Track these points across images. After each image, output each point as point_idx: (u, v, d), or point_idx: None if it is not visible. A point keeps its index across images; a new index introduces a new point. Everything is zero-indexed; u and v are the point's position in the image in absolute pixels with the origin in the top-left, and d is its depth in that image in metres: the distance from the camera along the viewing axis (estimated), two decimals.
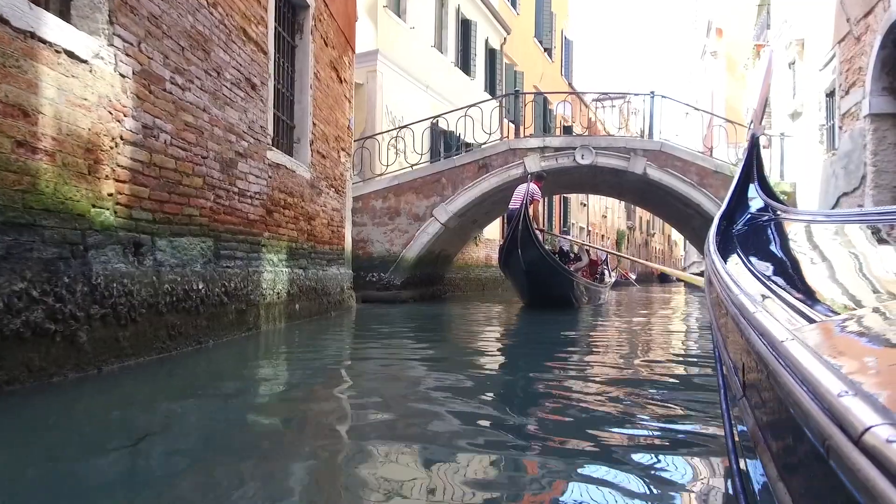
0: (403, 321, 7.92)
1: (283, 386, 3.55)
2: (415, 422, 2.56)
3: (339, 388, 3.46)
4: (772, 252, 1.68)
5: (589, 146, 10.87)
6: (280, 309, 5.90)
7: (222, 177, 4.72)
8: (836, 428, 0.45)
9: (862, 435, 0.42)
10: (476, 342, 5.80)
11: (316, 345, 5.28)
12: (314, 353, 4.74)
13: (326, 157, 7.60)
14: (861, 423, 0.43)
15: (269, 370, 3.99)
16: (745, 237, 1.80)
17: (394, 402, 3.00)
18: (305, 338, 5.68)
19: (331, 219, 7.78)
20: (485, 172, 10.92)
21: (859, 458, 0.41)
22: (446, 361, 4.47)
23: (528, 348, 5.46)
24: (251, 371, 3.92)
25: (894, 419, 0.42)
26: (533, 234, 7.96)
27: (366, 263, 10.78)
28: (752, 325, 0.77)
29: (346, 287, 8.45)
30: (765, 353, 0.68)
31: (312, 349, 5.01)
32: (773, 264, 1.45)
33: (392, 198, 10.95)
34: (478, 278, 17.71)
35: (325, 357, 4.62)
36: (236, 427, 2.49)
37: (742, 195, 2.19)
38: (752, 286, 1.08)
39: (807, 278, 1.24)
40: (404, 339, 5.82)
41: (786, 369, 0.59)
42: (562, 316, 8.58)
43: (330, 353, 4.81)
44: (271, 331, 5.61)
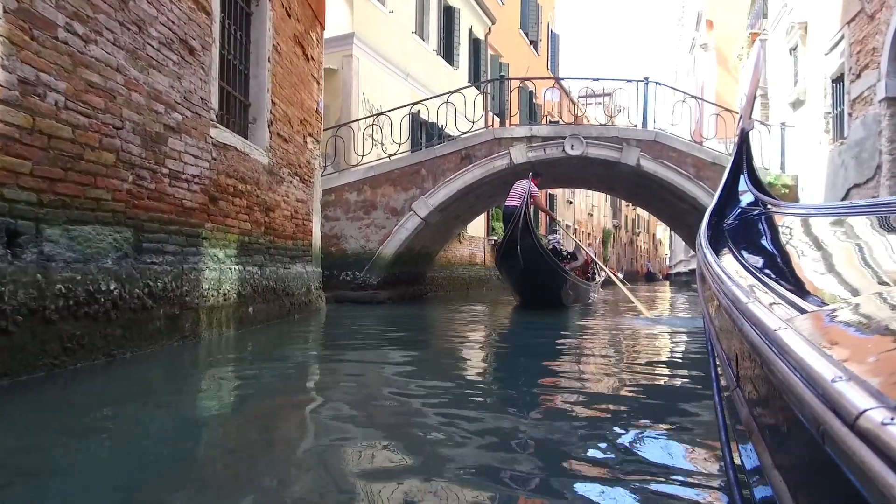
0: (377, 324, 7.13)
1: (210, 409, 2.76)
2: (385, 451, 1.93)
3: (291, 410, 2.68)
4: (763, 245, 1.70)
5: (579, 136, 10.15)
6: (228, 313, 5.08)
7: (145, 154, 3.90)
8: (831, 413, 0.45)
9: (857, 419, 0.42)
10: (459, 349, 5.03)
11: (269, 354, 4.49)
12: (264, 365, 3.94)
13: (289, 141, 6.78)
14: (855, 408, 0.43)
15: (194, 388, 3.19)
16: (737, 231, 1.81)
17: (359, 427, 2.31)
18: (258, 346, 4.88)
19: (295, 211, 6.96)
20: (468, 164, 10.16)
21: (855, 442, 0.41)
22: (423, 371, 3.71)
23: (518, 354, 4.72)
24: (170, 388, 3.12)
25: (888, 402, 0.42)
26: (533, 233, 7.73)
27: (339, 261, 9.98)
28: (745, 316, 0.79)
29: (313, 287, 7.64)
30: (758, 343, 0.69)
31: (263, 359, 4.22)
32: (765, 257, 1.48)
33: (368, 190, 10.15)
34: (462, 277, 16.96)
35: (278, 368, 3.83)
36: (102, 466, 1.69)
37: (732, 190, 2.19)
38: (744, 278, 1.09)
39: (797, 270, 1.27)
40: (376, 346, 5.05)
41: (779, 357, 0.60)
42: (553, 316, 8.06)
43: (284, 364, 4.02)
44: (216, 339, 4.79)
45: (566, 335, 6.20)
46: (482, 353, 5.05)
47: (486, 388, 3.44)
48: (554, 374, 3.79)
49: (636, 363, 4.17)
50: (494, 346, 5.47)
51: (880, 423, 0.40)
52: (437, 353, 4.88)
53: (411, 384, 3.40)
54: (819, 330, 0.73)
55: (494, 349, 5.22)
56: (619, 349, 4.98)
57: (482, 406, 2.86)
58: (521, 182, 8.65)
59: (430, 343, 5.55)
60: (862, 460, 0.40)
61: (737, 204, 2.09)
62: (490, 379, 3.79)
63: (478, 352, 5.08)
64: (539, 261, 7.88)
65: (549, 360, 4.49)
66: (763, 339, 0.67)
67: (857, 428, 0.42)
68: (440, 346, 5.34)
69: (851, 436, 0.42)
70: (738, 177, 2.22)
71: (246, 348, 4.78)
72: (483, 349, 5.25)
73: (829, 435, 0.45)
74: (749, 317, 0.76)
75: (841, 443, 0.43)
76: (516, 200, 8.30)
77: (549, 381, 3.44)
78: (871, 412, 0.42)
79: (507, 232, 7.71)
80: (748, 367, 0.82)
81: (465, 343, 5.56)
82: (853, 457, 0.41)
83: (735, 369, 0.95)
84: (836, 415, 0.45)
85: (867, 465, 0.39)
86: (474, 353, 4.96)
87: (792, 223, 1.69)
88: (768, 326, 0.67)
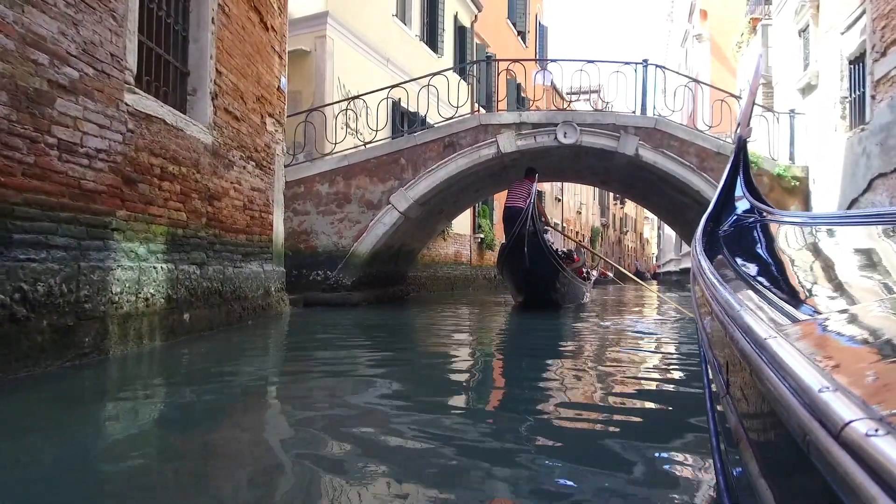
0: (348, 331, 6.22)
1: (103, 451, 1.85)
2: None
3: (228, 446, 1.79)
4: (757, 253, 1.69)
5: (572, 122, 9.28)
6: (152, 321, 4.14)
7: (16, 116, 2.96)
8: (817, 423, 0.46)
9: (842, 430, 0.42)
10: (442, 360, 4.12)
11: (207, 371, 3.59)
12: (196, 385, 3.04)
13: (242, 120, 5.84)
14: (840, 419, 0.43)
15: (79, 423, 2.26)
16: (731, 238, 1.82)
17: (318, 468, 1.81)
18: (195, 360, 3.97)
19: (249, 201, 6.03)
20: (451, 152, 9.25)
21: (839, 453, 0.42)
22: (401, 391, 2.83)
23: (511, 362, 3.84)
24: (43, 425, 2.20)
25: (873, 414, 0.43)
26: (540, 233, 7.61)
27: (309, 259, 9.04)
28: (736, 324, 0.79)
29: (274, 288, 6.71)
30: (748, 351, 0.69)
31: (197, 378, 3.32)
32: (758, 265, 1.48)
33: (341, 181, 9.21)
34: (446, 277, 16.08)
35: (215, 388, 2.97)
36: None
37: (729, 196, 2.19)
38: (737, 286, 1.10)
39: (791, 279, 1.27)
40: (343, 358, 4.15)
41: (768, 366, 0.60)
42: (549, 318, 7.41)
43: (225, 383, 3.13)
44: (134, 354, 3.86)
45: (564, 338, 5.32)
46: (468, 365, 4.15)
47: (476, 413, 2.61)
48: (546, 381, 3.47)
49: (632, 366, 4.03)
50: (484, 355, 4.57)
51: (864, 434, 0.40)
52: (417, 367, 3.97)
53: (385, 409, 2.56)
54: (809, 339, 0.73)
55: (484, 360, 4.32)
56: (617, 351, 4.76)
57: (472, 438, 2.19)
58: (522, 182, 8.57)
59: (408, 354, 4.63)
60: (846, 471, 0.40)
61: (733, 210, 2.09)
62: (480, 400, 2.92)
63: (463, 363, 4.18)
64: (544, 261, 7.74)
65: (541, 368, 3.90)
66: (753, 348, 0.67)
67: (842, 439, 0.42)
68: (420, 357, 4.43)
69: (836, 446, 0.42)
70: (735, 183, 2.22)
71: (177, 364, 3.85)
72: (471, 360, 4.35)
73: (815, 445, 0.45)
74: (740, 324, 0.77)
75: (826, 453, 0.43)
76: (519, 201, 8.21)
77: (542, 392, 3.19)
78: (855, 423, 0.42)
79: (514, 231, 7.51)
80: (738, 374, 0.82)
81: (450, 352, 4.67)
82: (837, 468, 0.41)
83: (725, 376, 0.94)
84: (821, 425, 0.45)
85: (851, 476, 0.39)
86: (459, 367, 4.06)
87: (787, 232, 1.70)
88: (758, 335, 0.67)
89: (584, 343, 5.29)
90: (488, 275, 19.62)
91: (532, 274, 7.60)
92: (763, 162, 9.38)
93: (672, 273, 30.38)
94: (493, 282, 19.80)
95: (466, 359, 4.58)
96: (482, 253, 19.06)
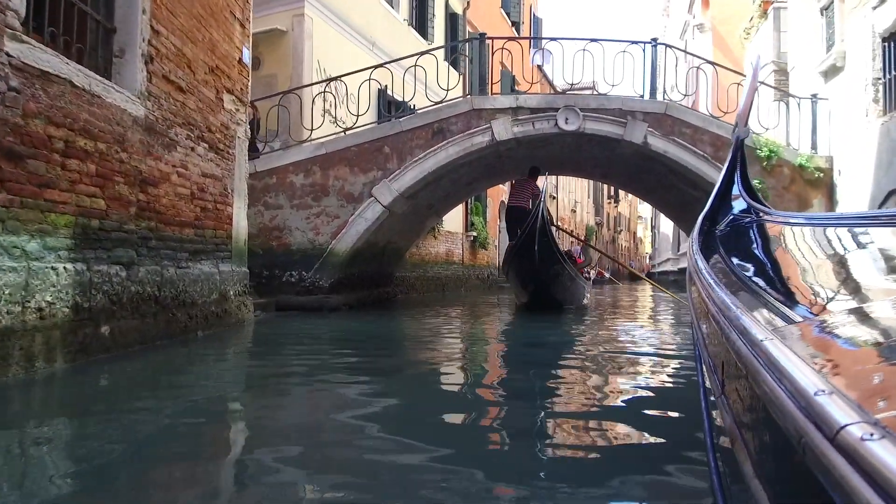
0: (320, 342, 5.32)
1: None
2: None
3: None
4: (753, 253, 1.70)
5: (574, 107, 8.39)
6: (51, 338, 3.21)
7: None
8: (812, 426, 0.46)
9: (837, 433, 0.42)
10: (432, 377, 3.22)
11: (125, 399, 2.69)
12: (101, 424, 2.15)
13: (189, 92, 4.91)
14: (836, 422, 0.43)
15: None
16: (728, 238, 1.80)
17: None
18: (111, 387, 3.10)
19: (199, 189, 5.10)
20: (441, 140, 8.33)
21: (834, 457, 0.41)
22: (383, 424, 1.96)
23: (511, 376, 2.95)
24: None
25: (868, 418, 0.42)
26: (550, 234, 7.46)
27: (282, 259, 8.11)
28: (732, 325, 0.78)
29: (234, 292, 5.79)
30: (744, 353, 0.68)
31: (109, 412, 2.43)
32: (755, 265, 1.50)
33: (318, 171, 8.27)
34: (437, 277, 15.18)
35: (132, 424, 2.13)
36: None
37: (725, 196, 2.18)
38: (733, 286, 1.10)
39: (787, 280, 1.28)
40: (311, 379, 3.25)
41: (763, 368, 0.59)
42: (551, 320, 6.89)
43: (150, 416, 2.24)
44: (19, 381, 2.93)
45: (571, 346, 4.43)
46: (464, 382, 3.24)
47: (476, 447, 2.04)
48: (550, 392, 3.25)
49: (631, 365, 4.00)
50: (480, 373, 3.66)
51: (859, 438, 0.40)
52: (403, 390, 3.06)
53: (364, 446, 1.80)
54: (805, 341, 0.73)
55: (480, 376, 3.42)
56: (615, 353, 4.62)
57: None
58: (525, 182, 8.72)
59: (392, 371, 3.71)
60: (841, 475, 0.40)
61: (729, 210, 2.07)
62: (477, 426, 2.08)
63: (456, 388, 3.27)
64: (554, 260, 7.59)
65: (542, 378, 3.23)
66: (749, 349, 0.66)
67: (837, 442, 0.42)
68: (406, 377, 3.52)
69: (831, 450, 0.42)
70: (732, 183, 2.21)
71: (76, 395, 2.95)
72: (464, 381, 3.45)
73: (810, 448, 0.45)
74: (736, 326, 0.76)
75: (821, 456, 0.43)
76: (522, 201, 8.40)
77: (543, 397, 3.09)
78: (851, 427, 0.41)
79: (524, 230, 7.39)
80: (733, 375, 0.81)
81: (440, 370, 3.77)
82: (832, 471, 0.41)
83: (721, 377, 0.94)
84: (816, 428, 0.45)
85: (846, 479, 0.39)
86: (452, 394, 3.15)
87: (783, 232, 1.72)
88: (754, 336, 0.67)
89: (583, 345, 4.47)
90: (481, 275, 18.73)
91: (541, 273, 7.43)
92: (783, 151, 8.53)
93: (669, 273, 29.67)
94: (487, 282, 18.91)
95: (459, 382, 3.68)
96: (475, 252, 18.17)
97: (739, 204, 2.08)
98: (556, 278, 7.95)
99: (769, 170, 8.49)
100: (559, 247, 7.98)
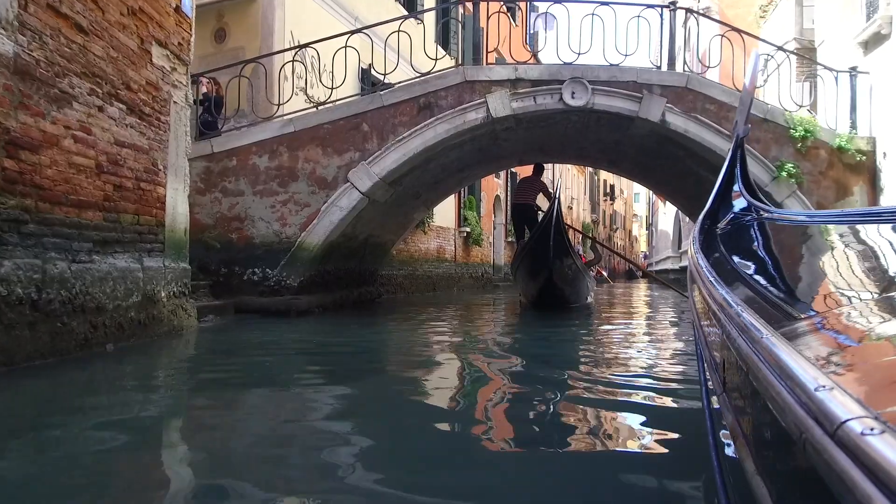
0: (277, 359, 4.21)
1: None
2: None
3: None
4: (754, 251, 1.73)
5: (582, 79, 7.27)
6: None
7: None
8: (813, 422, 0.45)
9: (838, 429, 0.42)
10: (424, 413, 2.12)
11: None
12: None
13: (95, 35, 3.77)
14: (837, 417, 0.43)
15: None
16: (728, 236, 1.83)
17: None
18: None
19: (112, 162, 3.96)
20: (428, 116, 7.20)
21: (835, 452, 0.41)
22: None
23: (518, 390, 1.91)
24: None
25: (869, 413, 0.42)
26: (564, 231, 7.38)
27: (243, 254, 6.97)
28: (733, 322, 0.79)
29: (167, 294, 4.65)
30: (744, 350, 0.68)
31: None
32: (755, 263, 1.52)
33: (284, 153, 7.13)
34: (427, 276, 14.07)
35: None
36: None
37: (726, 195, 2.19)
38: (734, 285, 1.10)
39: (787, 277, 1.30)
40: (235, 426, 2.14)
41: (764, 365, 0.59)
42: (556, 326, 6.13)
43: None
44: None
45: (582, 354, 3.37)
46: (453, 406, 2.14)
47: None
48: None
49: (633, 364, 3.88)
50: (469, 389, 2.56)
51: (860, 433, 0.40)
52: (377, 420, 1.95)
53: None
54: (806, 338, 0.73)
55: (468, 399, 2.32)
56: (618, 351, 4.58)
57: None
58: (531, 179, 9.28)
59: (372, 421, 2.58)
60: (842, 470, 0.40)
61: (730, 209, 2.09)
62: None
63: (445, 406, 2.17)
64: (567, 258, 7.49)
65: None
66: (749, 346, 0.67)
67: (838, 438, 0.42)
68: (381, 398, 2.40)
69: (832, 445, 0.42)
70: (732, 181, 2.21)
71: None
72: (455, 400, 2.34)
73: (811, 443, 0.45)
74: (736, 323, 0.76)
75: (822, 452, 0.43)
76: (529, 198, 8.96)
77: None
78: (851, 422, 0.42)
79: (538, 229, 7.31)
80: (734, 372, 0.81)
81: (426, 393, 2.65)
82: (833, 466, 0.41)
83: (722, 374, 0.94)
84: (817, 424, 0.45)
85: (847, 474, 0.39)
86: (440, 414, 2.05)
87: (784, 230, 1.76)
88: (754, 333, 0.67)
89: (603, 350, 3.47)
90: (475, 273, 17.61)
91: (554, 268, 7.19)
92: (819, 132, 7.45)
93: (669, 272, 28.69)
94: (481, 281, 17.80)
95: (446, 408, 2.56)
96: (468, 249, 17.05)
97: (740, 202, 2.09)
98: (568, 274, 7.79)
99: (804, 152, 7.42)
100: (571, 243, 7.92)
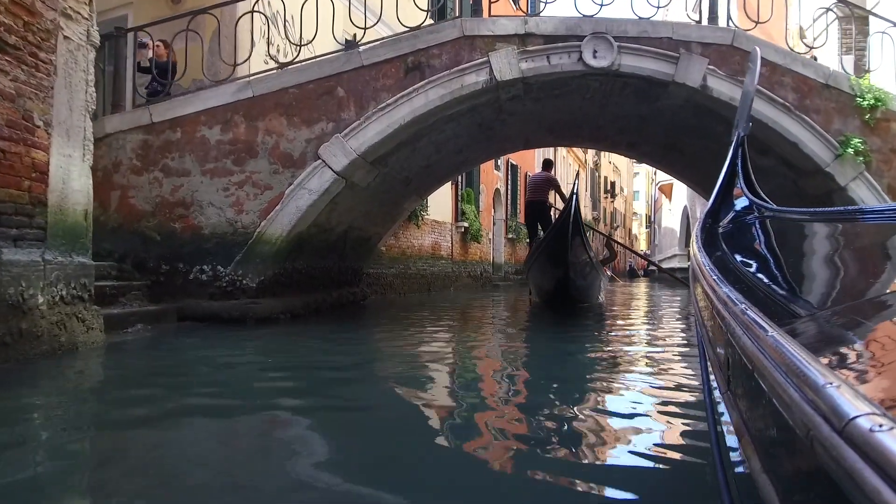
0: (199, 390, 2.91)
1: None
2: None
3: None
4: (756, 249, 1.74)
5: (607, 35, 5.95)
6: None
7: None
8: (820, 419, 0.45)
9: (846, 425, 0.42)
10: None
11: None
12: None
13: None
14: (845, 414, 0.43)
15: None
16: (731, 235, 1.84)
17: None
18: None
19: None
20: (417, 79, 5.88)
21: (843, 448, 0.41)
22: None
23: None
24: None
25: (877, 409, 0.42)
26: (582, 228, 7.09)
27: (189, 247, 5.64)
28: (738, 320, 0.79)
29: (49, 299, 3.32)
30: (749, 347, 0.68)
31: None
32: (758, 261, 1.52)
33: (241, 123, 5.79)
34: (421, 275, 12.76)
35: None
36: None
37: (728, 193, 2.19)
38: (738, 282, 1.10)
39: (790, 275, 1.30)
40: None
41: (770, 362, 0.59)
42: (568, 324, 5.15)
43: None
44: None
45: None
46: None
47: None
48: None
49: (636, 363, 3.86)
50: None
51: (868, 429, 0.40)
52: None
53: None
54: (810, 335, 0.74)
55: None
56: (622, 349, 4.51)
57: None
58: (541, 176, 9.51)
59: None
60: (851, 466, 0.40)
61: (731, 207, 2.10)
62: None
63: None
64: (585, 256, 7.42)
65: None
66: (754, 344, 0.66)
67: (846, 434, 0.41)
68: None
69: (840, 442, 0.42)
70: (734, 179, 2.21)
71: None
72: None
73: (818, 440, 0.45)
74: (741, 321, 0.76)
75: (830, 448, 0.43)
76: (541, 194, 9.11)
77: None
78: (860, 419, 0.41)
79: (556, 226, 7.20)
80: (739, 370, 0.81)
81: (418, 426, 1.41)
82: (841, 463, 0.41)
83: (726, 372, 0.94)
84: (825, 420, 0.45)
85: (855, 471, 0.39)
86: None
87: (786, 228, 1.77)
88: (759, 331, 0.66)
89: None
90: (473, 271, 16.29)
91: (570, 264, 6.98)
92: (892, 101, 6.18)
93: (675, 270, 27.52)
94: (480, 280, 16.48)
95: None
96: (466, 245, 15.73)
97: (742, 201, 2.09)
98: (585, 271, 7.70)
99: (872, 125, 6.16)
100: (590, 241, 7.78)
